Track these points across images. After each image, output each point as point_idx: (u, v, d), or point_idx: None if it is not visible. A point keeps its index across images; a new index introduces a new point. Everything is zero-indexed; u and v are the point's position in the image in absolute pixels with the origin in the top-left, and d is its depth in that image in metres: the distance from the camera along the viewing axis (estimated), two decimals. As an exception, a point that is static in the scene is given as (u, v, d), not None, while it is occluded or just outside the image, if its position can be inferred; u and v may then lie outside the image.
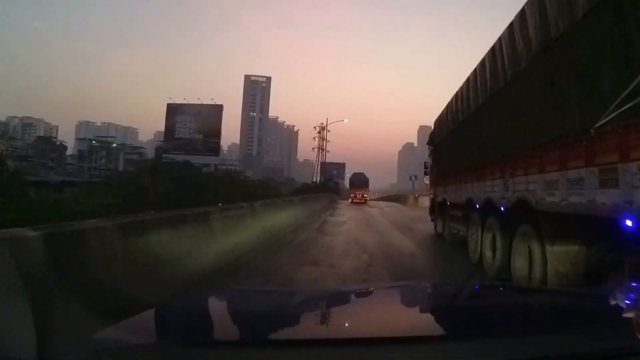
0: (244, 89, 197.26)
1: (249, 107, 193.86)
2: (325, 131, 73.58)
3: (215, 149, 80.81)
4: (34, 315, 2.09)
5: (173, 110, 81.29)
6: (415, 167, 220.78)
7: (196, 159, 66.39)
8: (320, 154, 79.10)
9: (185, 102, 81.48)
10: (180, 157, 61.18)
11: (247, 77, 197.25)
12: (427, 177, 13.48)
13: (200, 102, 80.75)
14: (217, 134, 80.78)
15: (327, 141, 74.12)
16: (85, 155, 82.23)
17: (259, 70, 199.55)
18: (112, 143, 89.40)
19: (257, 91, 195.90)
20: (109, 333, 1.37)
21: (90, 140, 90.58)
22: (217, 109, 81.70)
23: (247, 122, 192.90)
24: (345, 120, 60.34)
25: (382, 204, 40.23)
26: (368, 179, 48.54)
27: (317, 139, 74.23)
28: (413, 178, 40.56)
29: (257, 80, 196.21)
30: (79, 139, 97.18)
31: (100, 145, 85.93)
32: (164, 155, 68.83)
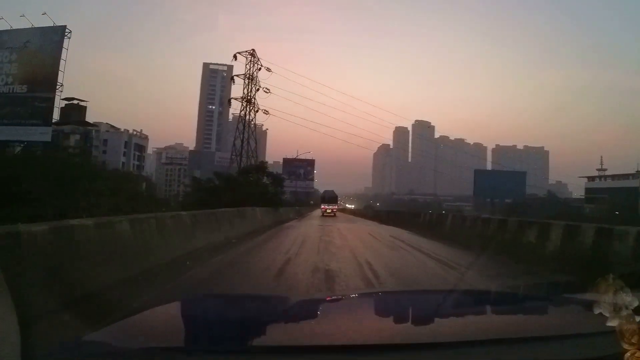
0: (202, 78, 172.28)
1: (207, 99, 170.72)
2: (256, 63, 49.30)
3: (44, 113, 40.26)
4: (17, 315, 1.89)
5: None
6: (392, 169, 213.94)
7: (14, 133, 38.16)
8: (247, 109, 52.75)
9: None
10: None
11: (206, 66, 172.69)
12: None
13: (31, 26, 41.35)
14: (50, 83, 39.86)
15: (263, 89, 50.67)
16: None
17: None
18: None
19: (217, 81, 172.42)
20: (93, 337, 1.39)
21: None
22: (56, 35, 40.72)
23: (205, 117, 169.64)
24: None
25: None
26: (337, 196, 52.78)
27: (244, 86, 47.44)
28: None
29: (217, 69, 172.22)
30: None
31: None
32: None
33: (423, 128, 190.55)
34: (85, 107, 75.45)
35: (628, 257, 6.30)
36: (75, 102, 72.60)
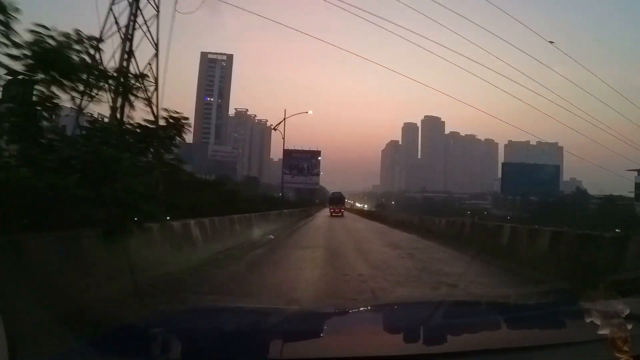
0: (199, 69, 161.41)
1: (204, 90, 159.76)
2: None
3: None
4: (4, 322, 1.89)
5: None
6: (401, 166, 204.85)
7: None
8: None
9: None
10: None
11: (204, 55, 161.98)
12: None
13: None
14: None
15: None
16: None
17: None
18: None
19: (215, 72, 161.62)
20: (83, 348, 1.39)
21: None
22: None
23: (203, 109, 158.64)
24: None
25: None
26: (344, 197, 58.30)
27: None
28: None
29: (215, 59, 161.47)
30: None
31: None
32: None
33: (433, 124, 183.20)
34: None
35: None
36: (20, 77, 59.58)
